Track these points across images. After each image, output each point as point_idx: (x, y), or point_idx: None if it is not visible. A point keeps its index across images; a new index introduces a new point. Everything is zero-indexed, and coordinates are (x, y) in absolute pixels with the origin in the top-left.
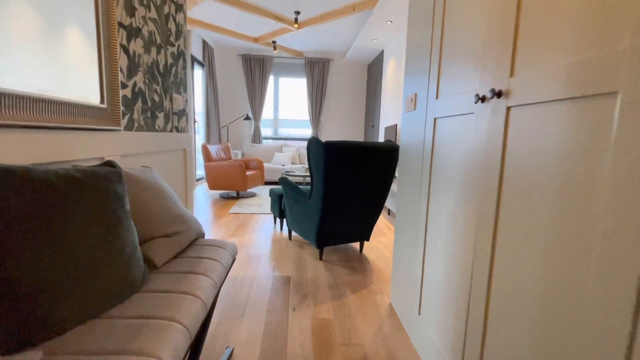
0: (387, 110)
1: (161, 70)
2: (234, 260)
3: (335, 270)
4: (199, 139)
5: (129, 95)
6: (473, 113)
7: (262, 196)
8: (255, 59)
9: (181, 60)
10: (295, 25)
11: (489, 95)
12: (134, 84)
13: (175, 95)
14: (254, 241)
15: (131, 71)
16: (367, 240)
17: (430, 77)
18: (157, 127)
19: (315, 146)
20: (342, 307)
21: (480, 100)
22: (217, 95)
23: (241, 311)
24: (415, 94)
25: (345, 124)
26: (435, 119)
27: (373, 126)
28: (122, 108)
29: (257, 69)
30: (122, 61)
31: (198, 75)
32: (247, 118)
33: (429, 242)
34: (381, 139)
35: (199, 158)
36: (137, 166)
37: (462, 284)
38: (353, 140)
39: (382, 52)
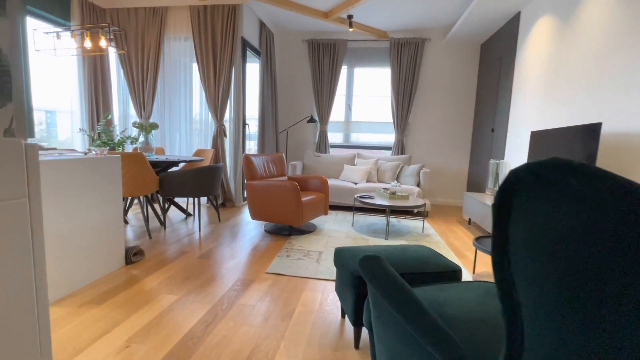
0: (529, 106)
1: None
2: None
3: None
4: (253, 146)
5: None
6: None
7: (324, 232)
8: (325, 44)
9: None
10: None
11: None
12: None
13: None
14: None
15: None
16: None
17: None
18: None
19: (600, 209)
20: None
21: None
22: (276, 91)
23: None
24: None
25: (444, 128)
26: None
27: (493, 130)
28: None
29: (326, 57)
30: None
31: (254, 69)
32: (311, 120)
33: None
34: (517, 150)
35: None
36: None
37: None
38: None
39: (516, 17)
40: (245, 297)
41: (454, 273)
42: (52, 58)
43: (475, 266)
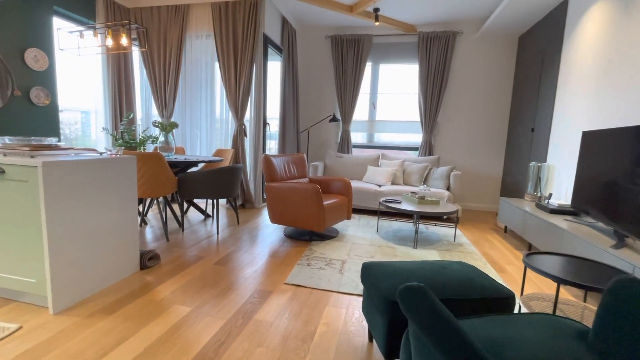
0: (579, 103)
1: None
2: None
3: None
4: (274, 146)
5: None
6: None
7: (347, 238)
8: (349, 40)
9: None
10: None
11: None
12: None
13: None
14: None
15: None
16: None
17: None
18: None
19: None
20: None
21: None
22: (298, 90)
23: None
24: None
25: (476, 127)
26: None
27: (533, 130)
28: None
29: (350, 53)
30: None
31: (276, 67)
32: (334, 119)
33: None
34: (563, 152)
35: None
36: None
37: None
38: None
39: (563, 4)
40: (262, 311)
41: (506, 300)
42: (81, 58)
43: (524, 287)
